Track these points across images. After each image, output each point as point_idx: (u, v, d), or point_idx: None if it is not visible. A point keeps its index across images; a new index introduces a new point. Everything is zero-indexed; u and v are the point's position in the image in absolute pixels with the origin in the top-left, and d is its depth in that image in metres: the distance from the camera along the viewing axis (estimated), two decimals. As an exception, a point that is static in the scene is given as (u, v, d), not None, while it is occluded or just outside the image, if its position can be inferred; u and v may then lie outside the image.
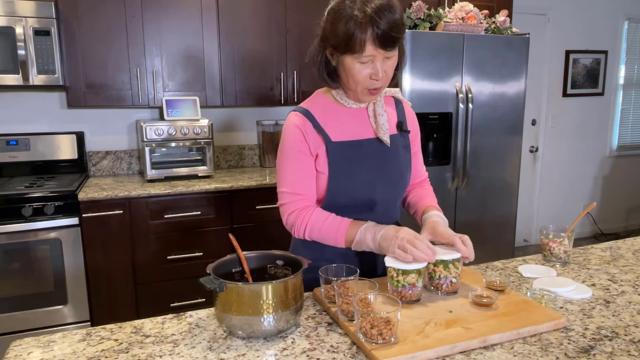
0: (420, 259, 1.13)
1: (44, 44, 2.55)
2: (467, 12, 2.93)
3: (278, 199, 1.35)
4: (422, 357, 0.94)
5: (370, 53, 1.17)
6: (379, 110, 1.33)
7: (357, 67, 1.20)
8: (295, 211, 1.31)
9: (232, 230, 2.84)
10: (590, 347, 0.99)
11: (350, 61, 1.20)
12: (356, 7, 1.16)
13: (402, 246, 1.14)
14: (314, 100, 1.36)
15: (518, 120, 3.17)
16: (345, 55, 1.20)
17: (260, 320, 0.99)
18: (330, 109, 1.34)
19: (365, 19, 1.14)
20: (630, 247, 1.64)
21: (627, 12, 4.80)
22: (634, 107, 5.09)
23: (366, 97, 1.28)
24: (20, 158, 2.91)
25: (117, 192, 2.60)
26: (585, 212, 1.53)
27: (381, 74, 1.21)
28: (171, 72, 2.92)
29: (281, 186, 1.33)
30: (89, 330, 1.09)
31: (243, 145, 3.50)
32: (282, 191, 1.33)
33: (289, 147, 1.31)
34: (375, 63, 1.20)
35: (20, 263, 2.46)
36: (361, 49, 1.16)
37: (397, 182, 1.37)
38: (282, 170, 1.33)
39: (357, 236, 1.24)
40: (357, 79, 1.22)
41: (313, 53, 1.30)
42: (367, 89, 1.24)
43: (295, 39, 3.12)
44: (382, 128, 1.32)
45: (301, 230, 1.30)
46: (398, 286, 1.14)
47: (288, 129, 1.32)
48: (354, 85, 1.24)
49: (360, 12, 1.14)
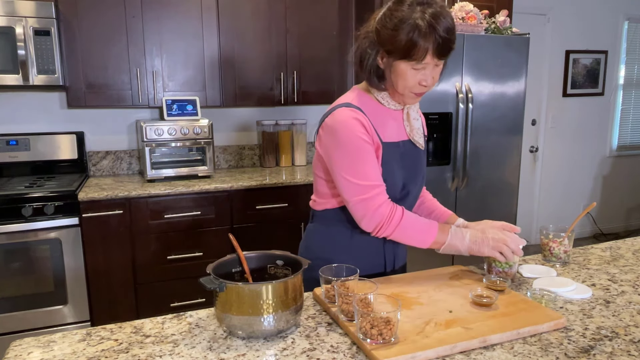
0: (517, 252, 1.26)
1: (44, 44, 2.55)
2: (467, 12, 2.93)
3: (353, 193, 1.25)
4: (422, 357, 0.94)
5: (428, 61, 1.19)
6: (414, 114, 1.37)
7: (410, 73, 1.22)
8: (387, 202, 1.26)
9: (232, 230, 2.84)
10: (590, 347, 0.99)
11: (405, 67, 1.21)
12: (417, 15, 1.16)
13: (498, 247, 1.25)
14: (359, 98, 1.33)
15: (518, 120, 3.17)
16: (400, 61, 1.21)
17: (260, 320, 0.99)
18: (375, 108, 1.34)
19: (428, 28, 1.15)
20: (630, 247, 1.64)
21: (627, 12, 4.80)
22: (634, 107, 5.09)
23: (410, 100, 1.31)
24: (20, 158, 2.91)
25: (117, 192, 2.60)
26: (585, 212, 1.53)
27: (430, 81, 1.24)
28: (171, 72, 2.92)
29: (361, 179, 1.24)
30: (89, 330, 1.09)
31: (243, 145, 3.50)
32: (361, 184, 1.24)
33: (356, 138, 1.24)
34: (427, 70, 1.22)
35: (20, 263, 2.46)
36: (422, 57, 1.18)
37: (421, 183, 1.44)
38: (357, 165, 1.24)
39: (449, 240, 1.28)
40: (408, 84, 1.24)
41: (362, 55, 1.29)
42: (413, 92, 1.26)
43: (295, 39, 3.12)
44: (418, 132, 1.37)
45: (394, 224, 1.24)
46: (505, 267, 1.30)
47: (349, 124, 1.25)
48: (403, 89, 1.26)
49: (423, 21, 1.15)
